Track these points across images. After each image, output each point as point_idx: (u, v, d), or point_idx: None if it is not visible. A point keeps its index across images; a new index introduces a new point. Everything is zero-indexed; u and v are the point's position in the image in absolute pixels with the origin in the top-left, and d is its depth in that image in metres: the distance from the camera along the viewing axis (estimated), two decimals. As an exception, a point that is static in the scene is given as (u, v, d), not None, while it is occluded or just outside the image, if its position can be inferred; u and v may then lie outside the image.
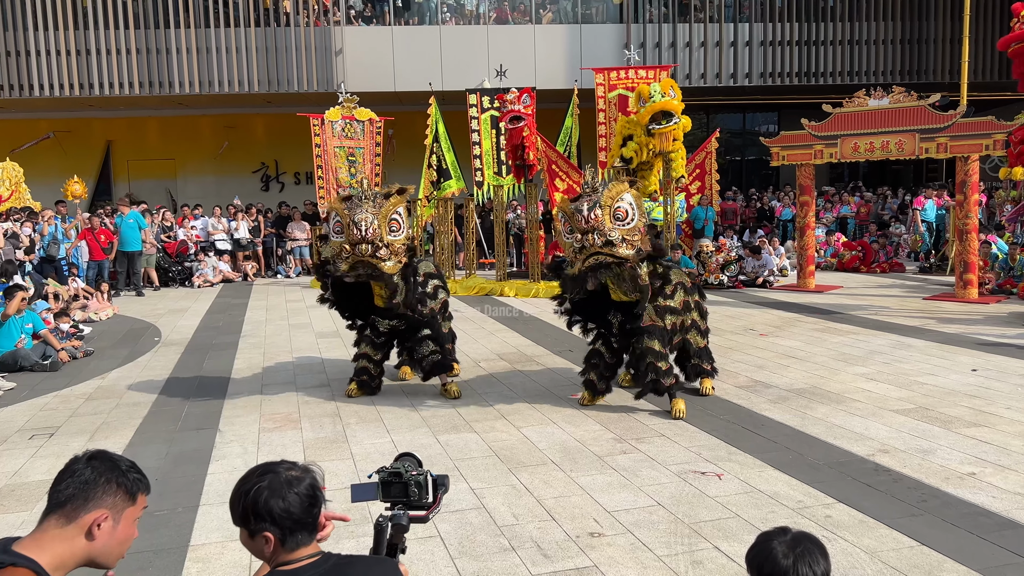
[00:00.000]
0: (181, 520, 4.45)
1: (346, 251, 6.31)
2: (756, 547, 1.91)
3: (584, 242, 5.79)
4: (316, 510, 1.86)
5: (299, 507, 1.83)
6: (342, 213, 6.33)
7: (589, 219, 5.71)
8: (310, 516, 1.86)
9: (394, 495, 2.06)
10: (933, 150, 11.78)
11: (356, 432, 6.02)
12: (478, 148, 15.28)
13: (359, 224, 6.19)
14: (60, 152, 23.41)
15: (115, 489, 1.74)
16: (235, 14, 20.84)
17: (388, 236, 6.33)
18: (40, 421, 6.64)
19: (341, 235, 6.35)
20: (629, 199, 5.85)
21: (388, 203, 6.39)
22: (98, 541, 1.71)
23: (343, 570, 1.84)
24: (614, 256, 5.75)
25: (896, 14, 22.46)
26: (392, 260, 6.39)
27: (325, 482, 4.90)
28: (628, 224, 5.80)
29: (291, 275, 18.26)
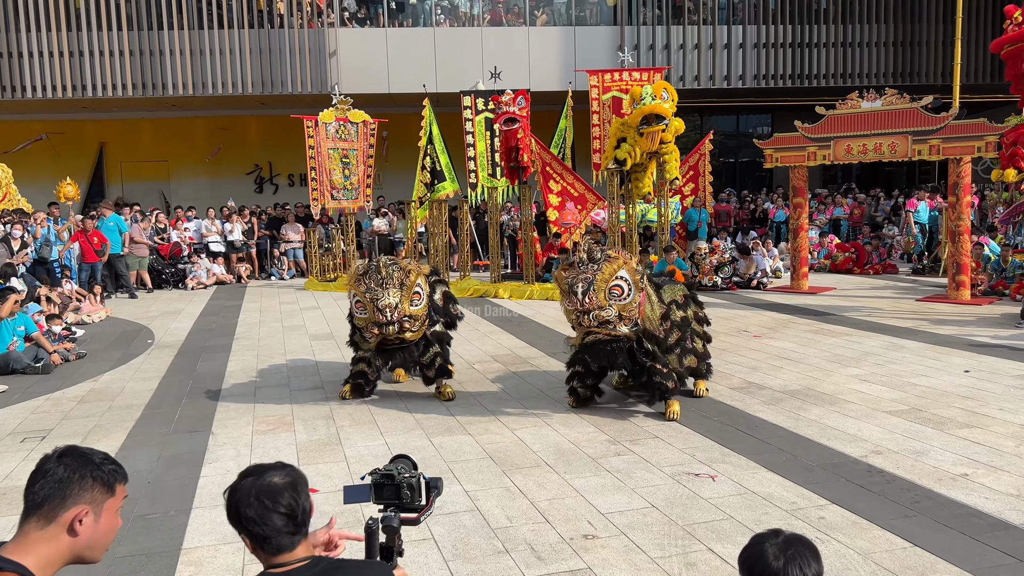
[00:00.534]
0: (173, 523, 4.43)
1: (373, 333, 6.58)
2: (748, 549, 1.92)
3: (580, 320, 5.91)
4: (294, 518, 1.83)
5: (264, 516, 1.81)
6: (363, 297, 6.48)
7: (584, 303, 5.79)
8: (286, 525, 1.83)
9: (386, 497, 2.07)
10: (926, 152, 11.82)
11: (350, 434, 6.01)
12: (472, 150, 15.28)
13: (384, 312, 6.37)
14: (53, 154, 23.33)
15: (91, 483, 1.72)
16: (229, 16, 20.81)
17: (410, 309, 6.51)
18: (32, 424, 6.61)
19: (363, 312, 6.57)
20: (625, 275, 5.90)
21: (409, 280, 6.52)
22: (82, 536, 1.69)
23: (332, 574, 1.82)
24: (610, 334, 5.90)
25: (889, 16, 22.55)
26: (415, 327, 6.64)
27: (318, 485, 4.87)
28: (624, 300, 5.88)
29: (284, 277, 18.23)
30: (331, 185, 15.83)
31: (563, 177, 14.41)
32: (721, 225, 18.48)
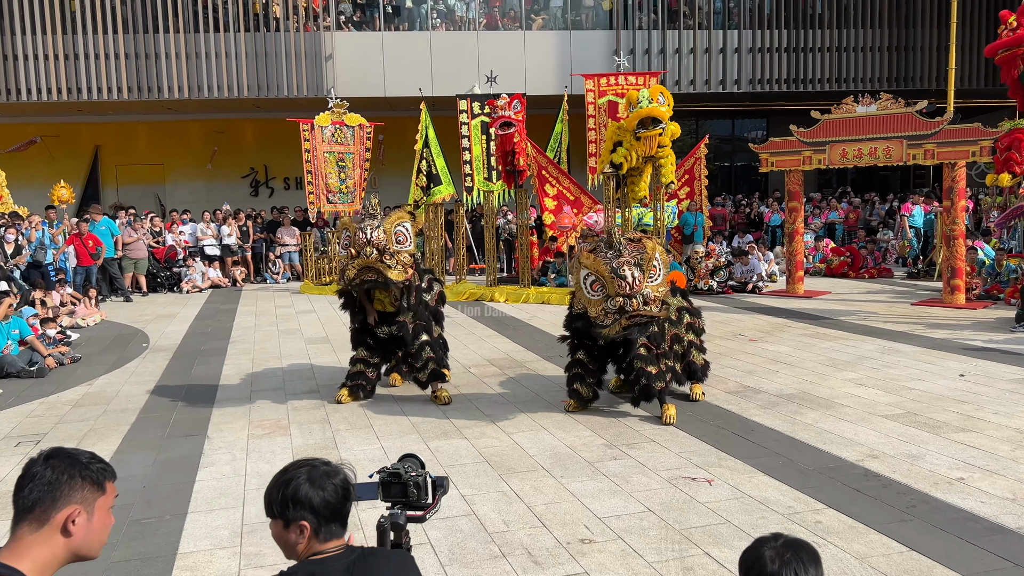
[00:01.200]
0: (169, 528, 4.42)
1: (352, 256, 6.56)
2: (747, 552, 1.92)
3: (627, 305, 5.72)
4: (349, 504, 1.98)
5: (335, 498, 1.96)
6: (350, 226, 6.66)
7: (634, 285, 5.70)
8: (344, 508, 1.98)
9: (394, 495, 2.13)
10: (920, 156, 11.85)
11: (346, 438, 6.00)
12: (468, 154, 15.28)
13: (364, 229, 6.47)
14: (48, 157, 23.27)
15: (81, 483, 1.71)
16: (225, 19, 20.79)
17: (394, 246, 6.53)
18: (27, 428, 6.58)
19: (350, 247, 6.62)
20: (660, 257, 5.97)
21: (392, 215, 6.72)
22: (76, 536, 1.69)
23: (367, 561, 1.93)
24: (651, 316, 5.82)
25: (884, 22, 22.63)
26: (398, 268, 6.56)
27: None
28: (657, 280, 5.90)
29: (280, 281, 18.21)
30: (327, 188, 15.81)
31: (559, 181, 14.42)
32: (716, 229, 18.51)
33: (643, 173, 11.99)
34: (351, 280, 6.59)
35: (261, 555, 4.05)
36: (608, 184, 12.37)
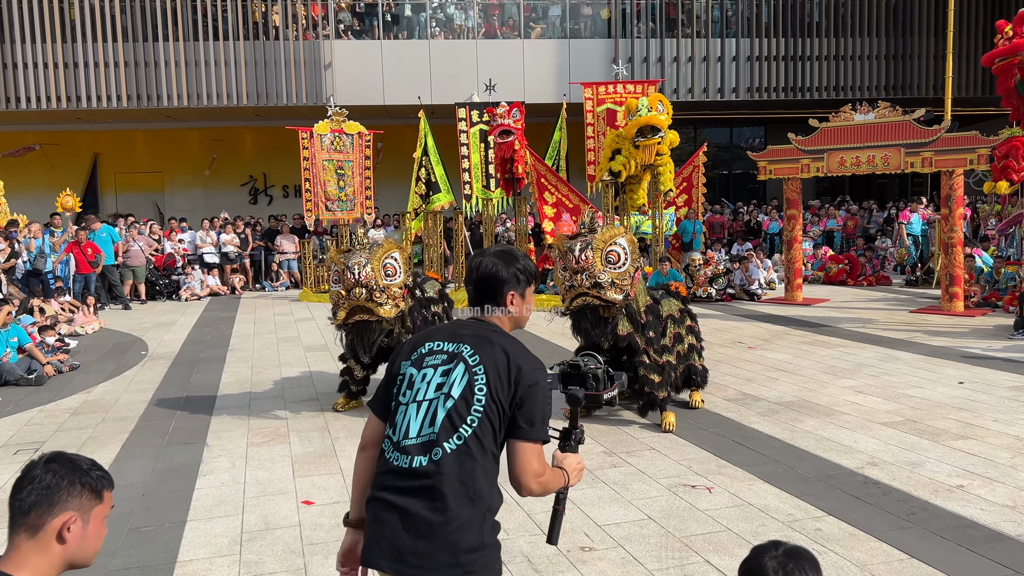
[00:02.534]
0: (168, 536, 4.41)
1: (342, 296, 6.48)
2: (748, 561, 1.91)
3: (573, 281, 5.84)
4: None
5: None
6: (338, 261, 6.53)
7: (580, 260, 5.77)
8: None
9: (574, 384, 2.40)
10: (918, 164, 11.89)
11: (345, 446, 5.99)
12: (467, 162, 15.32)
13: (352, 268, 6.35)
14: (46, 165, 23.30)
15: (80, 490, 1.70)
16: (224, 27, 20.86)
17: (384, 281, 6.45)
18: (25, 436, 6.57)
19: (339, 284, 6.53)
20: (623, 243, 5.90)
21: (381, 249, 6.57)
22: (71, 543, 1.68)
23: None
24: (601, 299, 5.80)
25: (881, 30, 22.73)
26: (389, 304, 6.50)
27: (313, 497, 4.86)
28: (619, 268, 5.86)
29: (278, 288, 18.21)
30: (326, 196, 15.84)
31: (558, 189, 14.45)
32: (715, 237, 18.53)
33: (642, 181, 12.05)
34: (344, 321, 6.56)
35: (261, 563, 4.04)
36: (607, 192, 12.40)
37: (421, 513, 2.07)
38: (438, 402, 2.16)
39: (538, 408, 2.18)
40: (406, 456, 2.14)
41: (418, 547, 2.06)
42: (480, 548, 2.09)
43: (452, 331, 2.30)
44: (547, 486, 2.20)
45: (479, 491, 2.10)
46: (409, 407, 2.19)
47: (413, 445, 2.14)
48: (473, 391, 2.15)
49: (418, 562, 2.06)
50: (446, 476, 2.08)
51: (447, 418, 2.13)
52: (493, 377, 2.16)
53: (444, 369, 2.21)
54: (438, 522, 2.06)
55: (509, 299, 2.37)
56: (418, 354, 2.27)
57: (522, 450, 2.14)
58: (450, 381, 2.17)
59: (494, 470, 2.17)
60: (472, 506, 2.09)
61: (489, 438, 2.14)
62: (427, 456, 2.11)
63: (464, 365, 2.19)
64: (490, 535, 2.14)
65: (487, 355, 2.20)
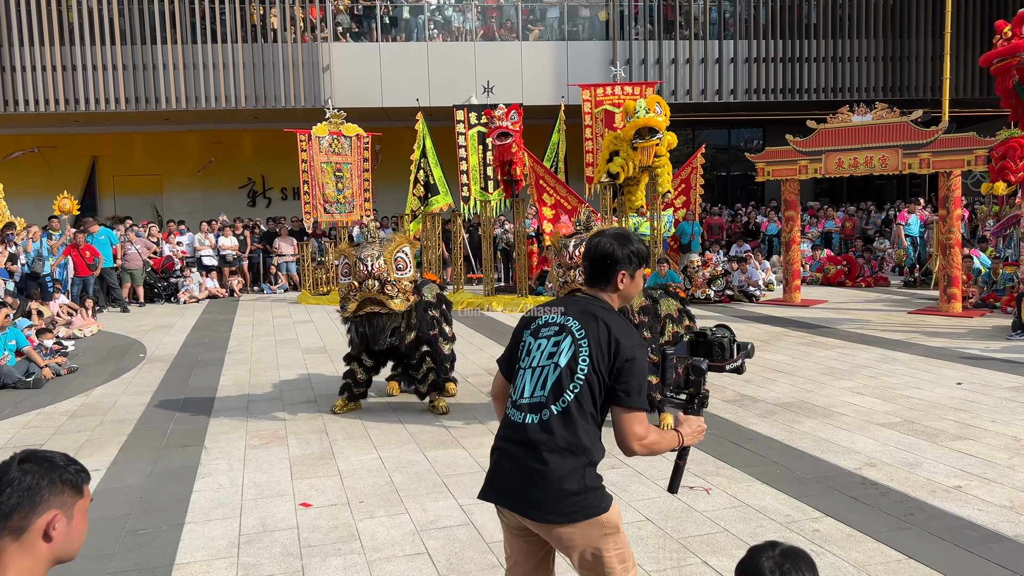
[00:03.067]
0: (166, 539, 4.40)
1: (353, 288, 6.51)
2: (745, 562, 1.92)
3: (567, 277, 5.89)
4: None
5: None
6: (349, 254, 6.58)
7: (574, 256, 5.81)
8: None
9: (700, 353, 2.59)
10: (916, 166, 11.90)
11: (343, 448, 5.99)
12: (465, 164, 15.32)
13: (364, 260, 6.40)
14: (45, 168, 23.30)
15: (61, 487, 1.68)
16: (222, 30, 20.86)
17: (395, 274, 6.50)
18: (23, 439, 6.56)
19: (349, 277, 6.55)
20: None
21: (392, 243, 6.64)
22: (57, 541, 1.67)
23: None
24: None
25: (879, 32, 22.76)
26: (400, 297, 6.54)
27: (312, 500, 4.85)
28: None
29: (277, 291, 18.20)
30: (324, 199, 15.84)
31: (556, 190, 14.45)
32: (713, 238, 18.55)
33: (640, 183, 12.05)
34: (354, 313, 6.56)
35: (259, 565, 4.04)
36: (605, 193, 12.40)
37: (530, 463, 2.47)
38: (548, 369, 2.54)
39: (635, 380, 2.49)
40: (520, 414, 2.54)
41: (528, 492, 2.47)
42: (581, 492, 2.47)
43: (565, 305, 2.65)
44: (652, 448, 2.53)
45: (580, 446, 2.48)
46: (525, 372, 2.60)
47: (526, 404, 2.54)
48: (577, 361, 2.50)
49: (528, 504, 2.47)
50: (551, 434, 2.47)
51: (555, 384, 2.51)
52: (595, 349, 2.50)
53: (555, 340, 2.56)
54: (544, 471, 2.45)
55: (620, 278, 2.64)
56: (536, 325, 2.66)
57: (622, 417, 2.49)
58: (559, 351, 2.54)
59: (593, 429, 2.53)
60: (574, 458, 2.47)
61: (588, 403, 2.50)
62: (537, 415, 2.50)
63: (571, 338, 2.54)
64: (593, 481, 2.51)
65: (591, 329, 2.53)
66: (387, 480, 5.24)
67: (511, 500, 2.52)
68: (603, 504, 2.52)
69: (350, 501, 4.87)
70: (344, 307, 6.62)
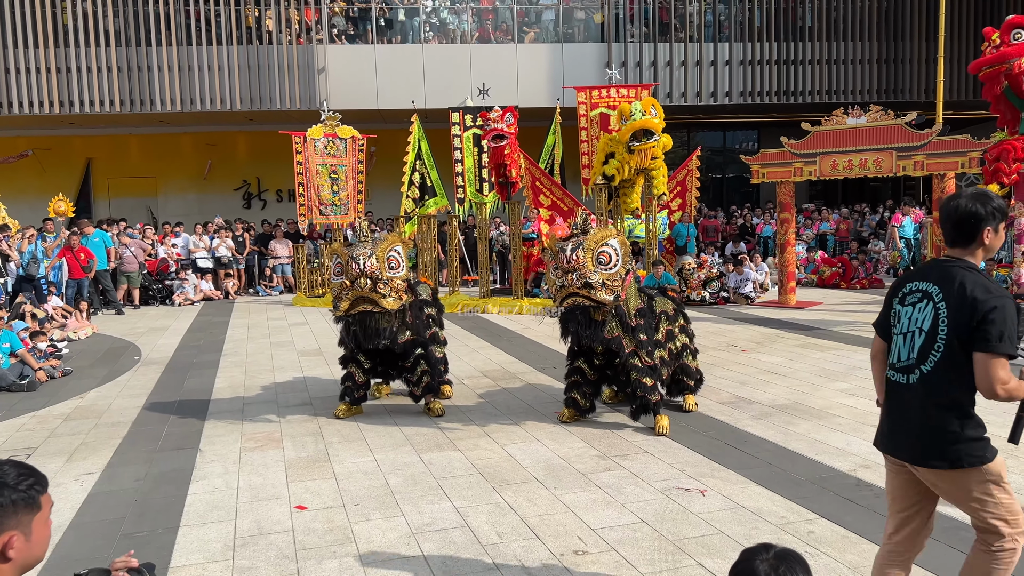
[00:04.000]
0: (161, 542, 4.39)
1: (346, 287, 6.49)
2: (739, 564, 1.93)
3: (564, 281, 5.87)
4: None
5: None
6: (341, 253, 6.55)
7: (571, 259, 5.80)
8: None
9: None
10: (910, 168, 11.94)
11: (339, 451, 5.99)
12: (460, 166, 15.33)
13: (357, 259, 6.37)
14: (39, 169, 23.25)
15: (14, 508, 1.64)
16: (217, 32, 20.85)
17: (387, 273, 6.47)
18: (17, 442, 6.55)
19: (342, 276, 6.54)
20: (614, 244, 5.94)
21: (385, 241, 6.61)
22: (17, 558, 1.63)
23: None
24: (591, 299, 5.83)
25: (873, 34, 22.84)
26: (392, 296, 6.52)
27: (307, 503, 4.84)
28: (611, 269, 5.88)
29: (272, 293, 18.17)
30: (319, 201, 15.83)
31: (552, 192, 14.47)
32: (709, 240, 18.58)
33: (635, 185, 12.08)
34: (347, 312, 6.55)
35: (254, 568, 4.03)
36: (600, 195, 12.41)
37: (912, 417, 2.89)
38: (914, 335, 2.88)
39: (995, 328, 2.68)
40: (898, 374, 2.96)
41: (911, 442, 2.91)
42: (959, 441, 2.80)
43: (926, 271, 2.95)
44: (1012, 393, 2.73)
45: (952, 400, 2.81)
46: (897, 338, 2.99)
47: (901, 367, 2.95)
48: (938, 325, 2.80)
49: (913, 452, 2.91)
50: (926, 391, 2.85)
51: (921, 348, 2.86)
52: (953, 312, 2.76)
53: (919, 306, 2.88)
54: (923, 424, 2.86)
55: (985, 234, 2.85)
56: (902, 292, 2.99)
57: (985, 362, 2.70)
58: (923, 317, 2.86)
59: (961, 382, 2.79)
60: (946, 411, 2.82)
61: (953, 360, 2.77)
62: (912, 375, 2.90)
63: (932, 303, 2.84)
64: (971, 431, 2.82)
65: (949, 291, 2.79)
66: (382, 483, 5.24)
67: (901, 451, 2.95)
68: (987, 454, 2.82)
69: (345, 504, 4.86)
70: (336, 306, 6.61)
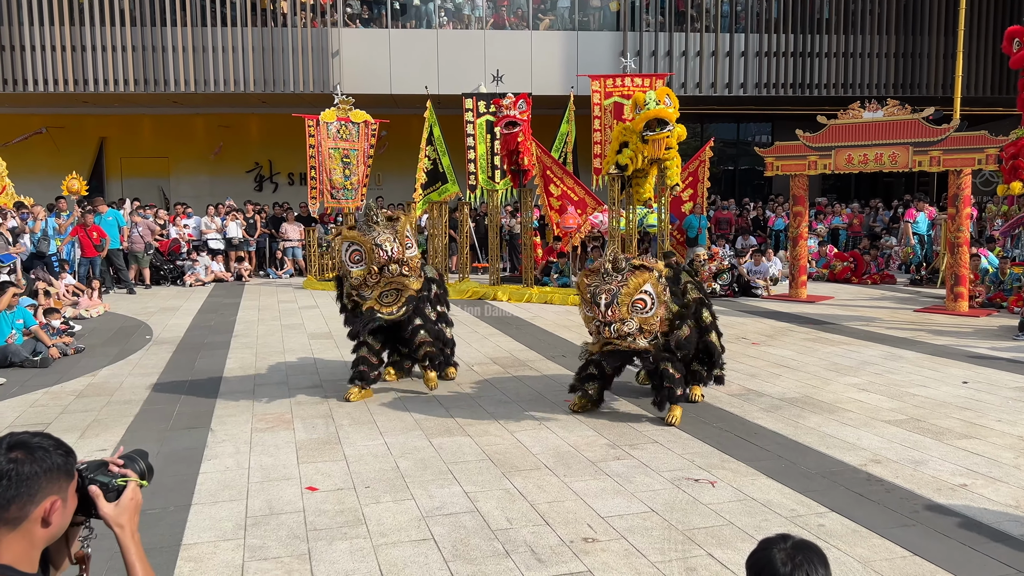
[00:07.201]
0: (173, 519, 4.43)
1: (373, 274, 6.42)
2: (756, 554, 1.92)
3: (601, 330, 5.88)
4: None
5: None
6: (360, 240, 6.44)
7: (607, 315, 5.77)
8: None
9: None
10: (926, 163, 11.85)
11: (349, 433, 6.01)
12: (472, 152, 15.30)
13: (383, 246, 6.32)
14: (52, 148, 23.30)
15: (56, 474, 1.67)
16: (232, 13, 20.82)
17: (407, 253, 6.50)
18: (30, 418, 6.59)
19: (360, 263, 6.46)
20: (650, 290, 5.87)
21: (400, 223, 6.57)
22: (54, 525, 1.66)
23: None
24: (630, 347, 5.92)
25: (891, 28, 22.63)
26: (414, 276, 6.58)
27: (317, 484, 4.87)
28: (647, 313, 5.87)
29: (282, 276, 18.22)
30: (331, 185, 15.83)
31: (563, 181, 14.43)
32: (721, 232, 18.51)
33: (648, 175, 12.00)
34: (377, 299, 6.55)
35: (265, 548, 4.06)
36: (613, 185, 12.36)
37: None
38: None
39: None
40: None
41: None
42: None
43: None
44: None
45: None
46: None
47: None
48: None
49: None
50: None
51: None
52: None
53: None
54: None
55: None
56: None
57: None
58: None
59: None
60: None
61: None
62: None
63: None
64: None
65: None
66: (393, 466, 5.26)
67: None
68: None
69: (356, 486, 4.89)
70: (363, 296, 6.58)
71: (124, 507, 1.82)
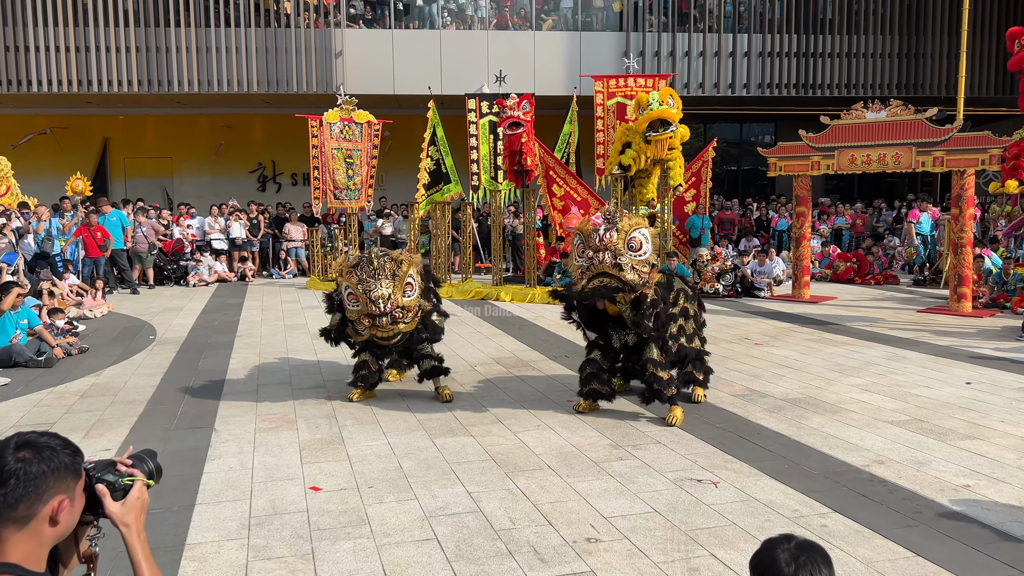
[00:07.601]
0: (177, 519, 4.44)
1: (364, 325, 6.54)
2: (760, 554, 1.92)
3: (593, 260, 5.84)
4: None
5: None
6: (355, 288, 6.48)
7: (603, 238, 5.77)
8: None
9: None
10: (929, 164, 11.84)
11: (352, 434, 6.02)
12: (475, 153, 15.31)
13: (377, 303, 6.36)
14: (56, 148, 23.35)
15: (63, 473, 1.68)
16: (235, 14, 20.86)
17: (403, 300, 6.48)
18: (34, 417, 6.61)
19: (356, 304, 6.53)
20: (645, 232, 5.93)
21: (402, 269, 6.54)
22: (62, 523, 1.67)
23: None
24: (620, 279, 5.80)
25: (894, 28, 22.61)
26: (408, 318, 6.59)
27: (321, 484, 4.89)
28: (640, 255, 5.86)
29: (285, 276, 18.24)
30: (334, 185, 15.85)
31: (566, 182, 14.43)
32: (724, 233, 18.50)
33: (651, 175, 12.01)
34: (359, 340, 6.90)
35: (269, 547, 4.07)
36: (616, 186, 12.37)
37: None
38: None
39: None
40: None
41: None
42: None
43: None
44: None
45: None
46: None
47: None
48: None
49: None
50: None
51: None
52: None
53: None
54: None
55: None
56: None
57: None
58: None
59: None
60: None
61: None
62: None
63: None
64: None
65: None
66: (396, 466, 5.27)
67: None
68: None
69: (359, 486, 4.90)
70: (358, 331, 6.71)
71: (130, 506, 1.83)
